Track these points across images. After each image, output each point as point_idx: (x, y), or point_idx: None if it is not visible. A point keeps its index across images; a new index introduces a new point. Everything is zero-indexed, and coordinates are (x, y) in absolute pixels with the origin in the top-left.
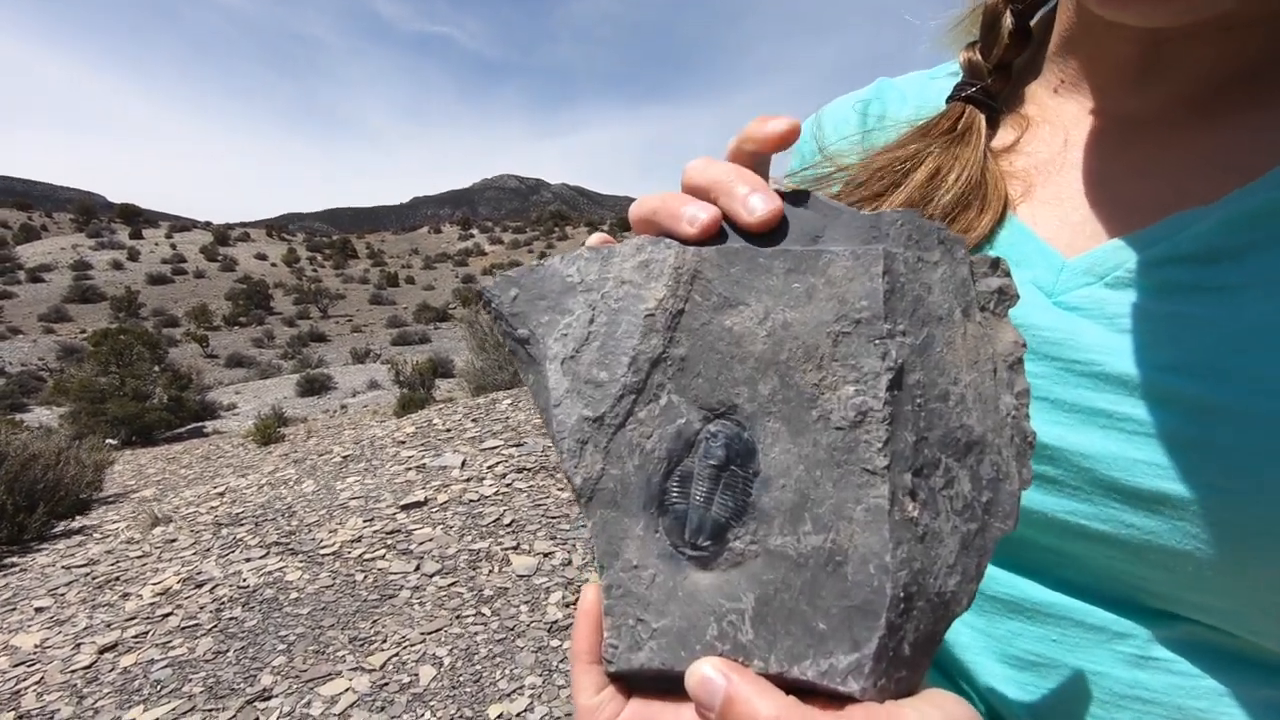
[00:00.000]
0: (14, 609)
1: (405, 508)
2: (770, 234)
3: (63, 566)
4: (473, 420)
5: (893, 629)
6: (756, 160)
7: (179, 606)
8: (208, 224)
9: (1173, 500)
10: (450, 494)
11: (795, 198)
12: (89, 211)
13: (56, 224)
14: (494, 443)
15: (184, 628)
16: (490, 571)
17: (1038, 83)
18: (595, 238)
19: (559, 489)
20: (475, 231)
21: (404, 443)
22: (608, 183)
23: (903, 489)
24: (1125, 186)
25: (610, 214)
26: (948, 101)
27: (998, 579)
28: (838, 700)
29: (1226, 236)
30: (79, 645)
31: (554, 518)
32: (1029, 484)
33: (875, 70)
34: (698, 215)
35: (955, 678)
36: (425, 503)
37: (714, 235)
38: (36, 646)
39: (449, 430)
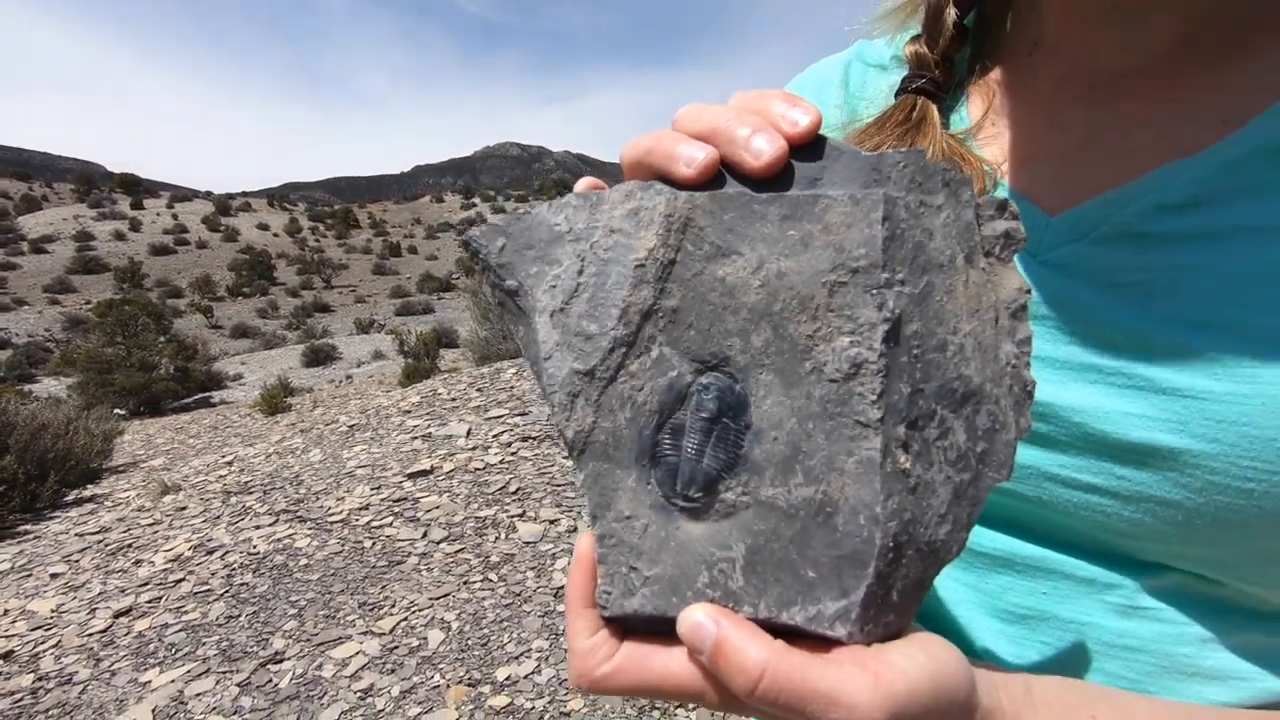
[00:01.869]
0: (29, 575)
1: (412, 476)
2: (771, 181)
3: (75, 534)
4: (477, 390)
5: (881, 578)
6: None
7: (191, 572)
8: (208, 194)
9: (1163, 452)
10: (456, 462)
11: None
12: (89, 181)
13: (57, 194)
14: (499, 412)
15: (196, 593)
16: (497, 538)
17: (1009, 46)
18: (584, 182)
19: (564, 457)
20: (478, 200)
21: (409, 412)
22: (611, 150)
23: (895, 441)
24: (1108, 141)
25: (614, 182)
26: (897, 95)
27: (988, 535)
28: (825, 644)
29: (1215, 183)
30: (94, 610)
31: (559, 485)
32: (1027, 432)
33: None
34: (695, 156)
35: (948, 633)
36: (431, 471)
37: (711, 179)
38: (53, 611)
39: (454, 400)
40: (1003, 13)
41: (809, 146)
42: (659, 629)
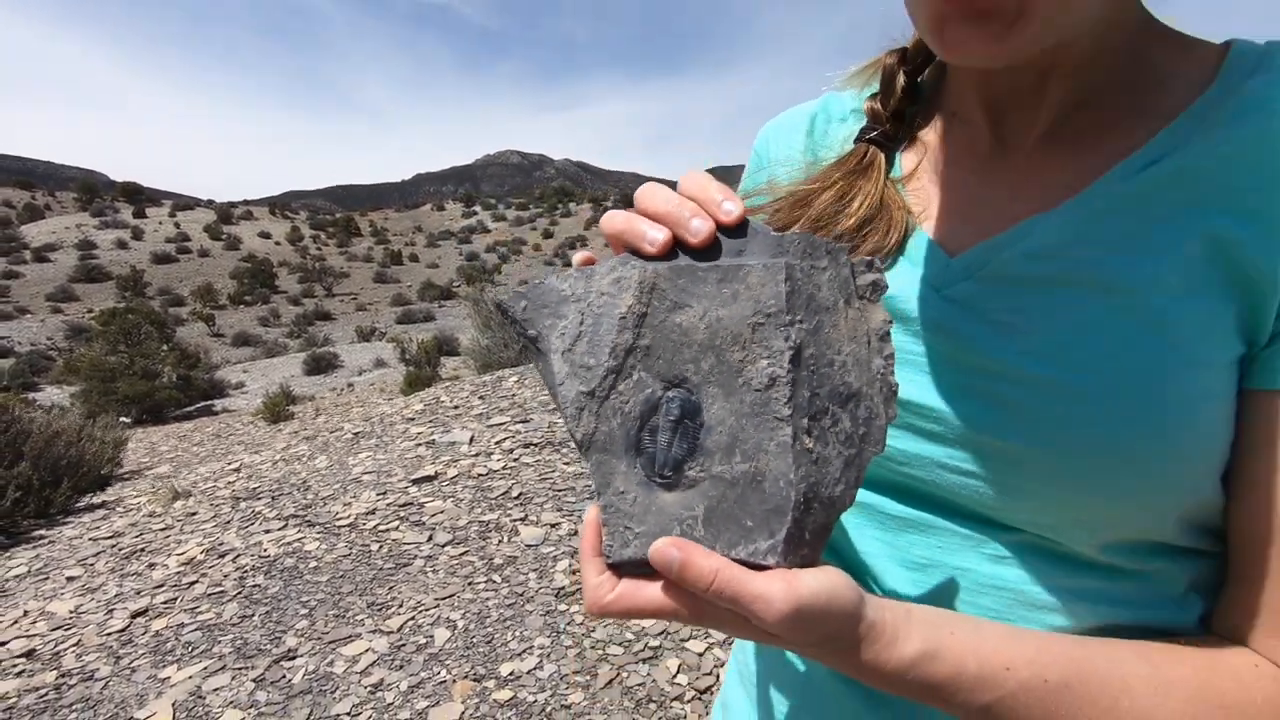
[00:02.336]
0: (46, 578)
1: (416, 481)
2: (708, 250)
3: (89, 539)
4: (480, 397)
5: (797, 523)
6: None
7: (204, 575)
8: (210, 202)
9: (1015, 450)
10: (460, 468)
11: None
12: (92, 190)
13: (60, 203)
14: (501, 419)
15: (210, 594)
16: (500, 541)
17: (941, 111)
18: (579, 257)
19: (564, 463)
20: (478, 208)
21: (413, 419)
22: (611, 158)
23: (801, 430)
24: (999, 197)
25: (614, 190)
26: (855, 142)
27: (898, 505)
28: (761, 570)
29: (1063, 235)
30: (111, 611)
31: (560, 490)
32: (893, 419)
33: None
34: (656, 237)
35: (864, 578)
36: (436, 477)
37: (667, 253)
38: (71, 612)
39: (457, 407)
40: (939, 83)
41: (737, 227)
42: (646, 571)
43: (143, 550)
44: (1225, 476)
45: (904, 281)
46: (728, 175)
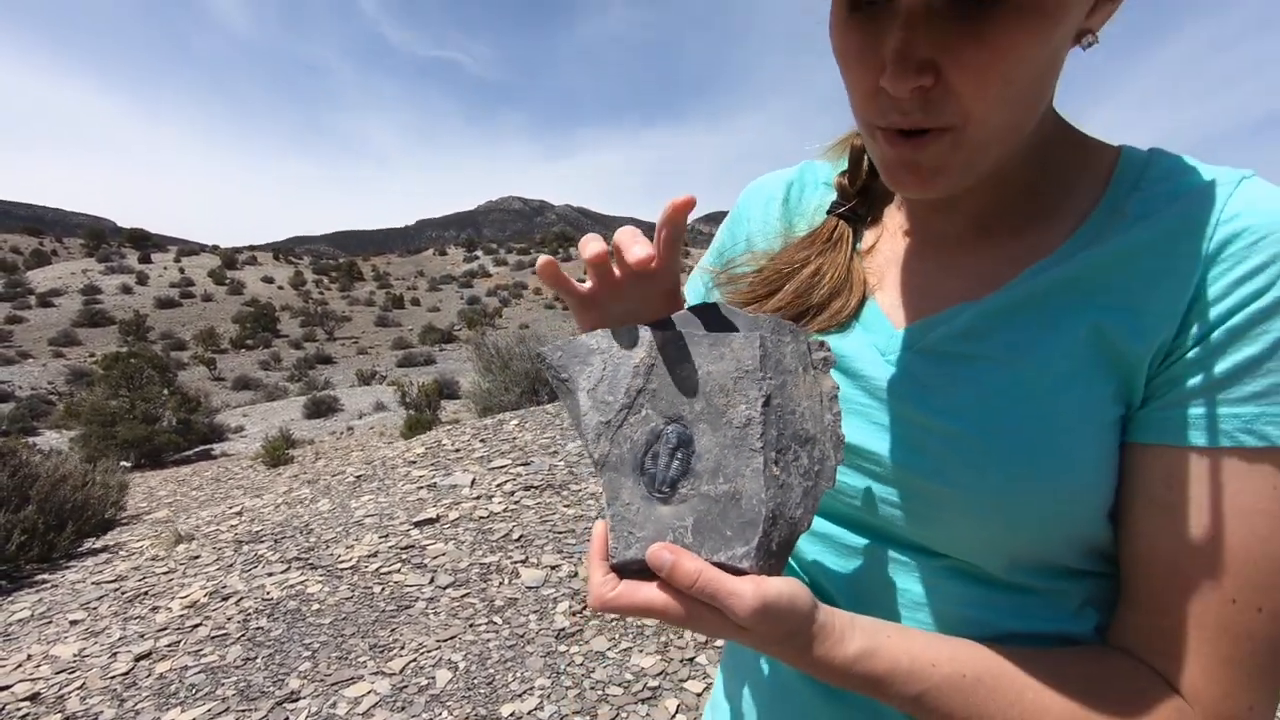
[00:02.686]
0: (50, 622)
1: (418, 524)
2: (706, 327)
3: (92, 582)
4: (481, 440)
5: (766, 534)
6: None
7: (207, 618)
8: (215, 247)
9: (935, 490)
10: (461, 511)
11: (711, 309)
12: (99, 237)
13: (67, 249)
14: (502, 462)
15: (213, 637)
16: (500, 583)
17: (894, 200)
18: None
19: (565, 505)
20: (480, 253)
21: (414, 463)
22: (610, 203)
23: (771, 460)
24: (932, 282)
25: (602, 229)
26: (827, 213)
27: (852, 536)
28: (737, 574)
29: (982, 323)
30: (115, 654)
31: (560, 533)
32: (841, 462)
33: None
34: (595, 246)
35: (822, 594)
36: (437, 519)
37: (669, 322)
38: (75, 656)
39: (458, 450)
40: None
41: (724, 313)
42: (643, 575)
43: (146, 593)
44: (1115, 513)
45: (858, 345)
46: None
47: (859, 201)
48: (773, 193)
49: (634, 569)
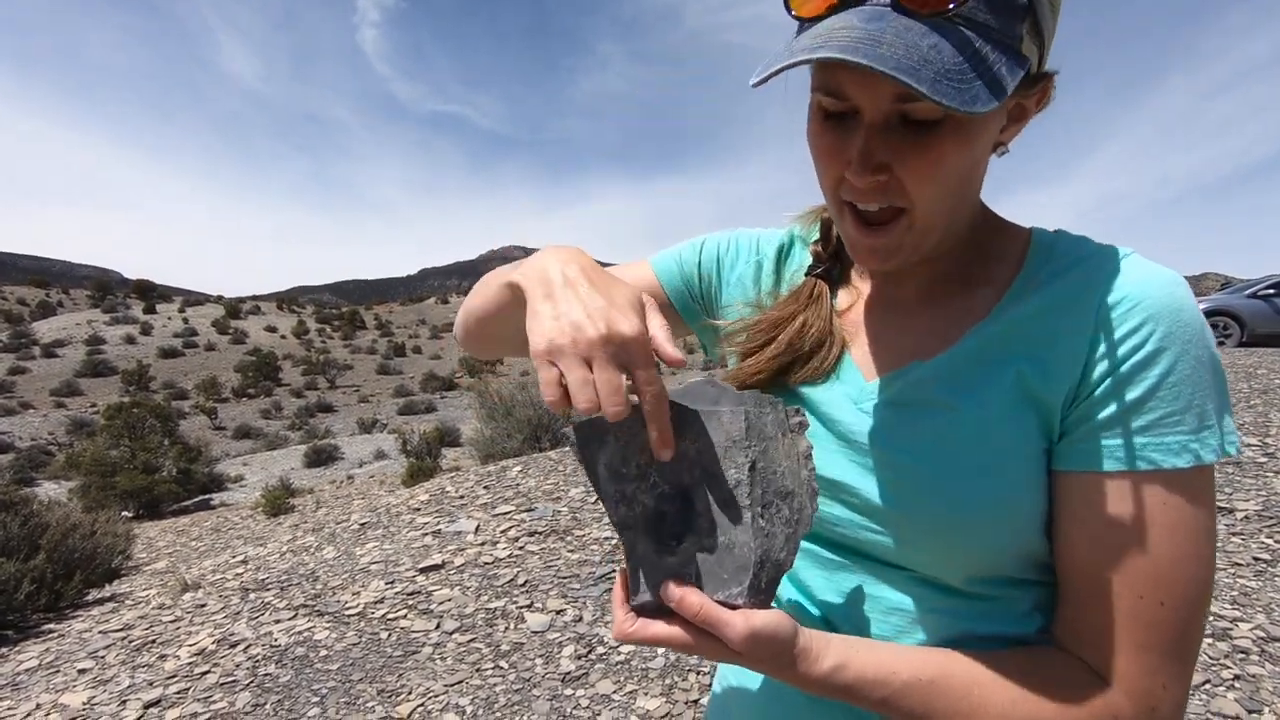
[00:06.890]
0: (57, 671)
1: (424, 570)
2: (700, 400)
3: (99, 631)
4: (484, 487)
5: (756, 575)
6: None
7: (216, 665)
8: (220, 297)
9: (896, 515)
10: (466, 557)
11: (704, 383)
12: (105, 288)
13: (73, 300)
14: (506, 508)
15: (222, 684)
16: (506, 628)
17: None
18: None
19: (569, 550)
20: None
21: (419, 510)
22: (612, 250)
23: (757, 514)
24: (893, 341)
25: None
26: (807, 274)
27: (832, 553)
28: (733, 609)
29: (935, 377)
30: (124, 702)
31: (565, 578)
32: (815, 510)
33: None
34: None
35: (809, 603)
36: (443, 565)
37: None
38: (84, 704)
39: (462, 497)
40: None
41: (713, 388)
42: (656, 613)
43: (153, 641)
44: (1048, 530)
45: (834, 395)
46: None
47: (832, 262)
48: (766, 253)
49: (649, 609)
